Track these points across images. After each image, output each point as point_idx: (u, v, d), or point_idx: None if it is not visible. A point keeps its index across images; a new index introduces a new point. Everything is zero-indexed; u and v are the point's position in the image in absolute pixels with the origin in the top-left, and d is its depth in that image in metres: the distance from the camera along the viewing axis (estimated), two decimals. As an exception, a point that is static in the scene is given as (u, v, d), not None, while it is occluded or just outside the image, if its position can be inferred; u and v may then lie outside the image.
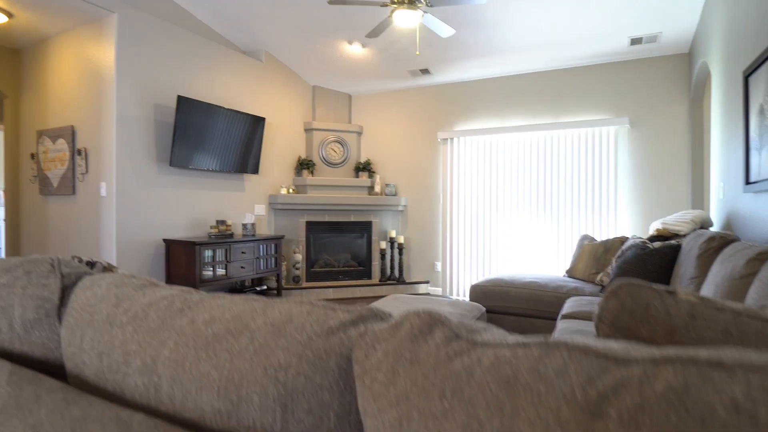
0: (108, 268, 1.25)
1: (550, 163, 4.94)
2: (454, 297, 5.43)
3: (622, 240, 3.33)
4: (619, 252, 3.10)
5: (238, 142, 4.64)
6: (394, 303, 2.61)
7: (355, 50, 4.94)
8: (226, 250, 4.15)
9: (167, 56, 4.14)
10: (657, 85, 4.51)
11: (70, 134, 4.04)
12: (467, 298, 5.33)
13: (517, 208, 5.10)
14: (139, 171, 3.92)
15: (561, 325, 2.20)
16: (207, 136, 4.29)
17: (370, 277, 5.70)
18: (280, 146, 5.50)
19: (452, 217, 5.44)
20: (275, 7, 4.24)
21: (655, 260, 2.53)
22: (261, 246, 4.55)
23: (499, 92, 5.27)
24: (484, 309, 2.68)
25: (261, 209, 5.20)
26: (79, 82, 4.02)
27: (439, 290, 5.57)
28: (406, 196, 5.82)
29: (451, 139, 5.47)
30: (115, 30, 3.75)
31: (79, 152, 4.00)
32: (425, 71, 5.31)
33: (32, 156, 4.45)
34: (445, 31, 3.81)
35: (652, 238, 3.18)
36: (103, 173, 3.83)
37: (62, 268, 0.83)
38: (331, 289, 5.28)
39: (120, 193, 3.77)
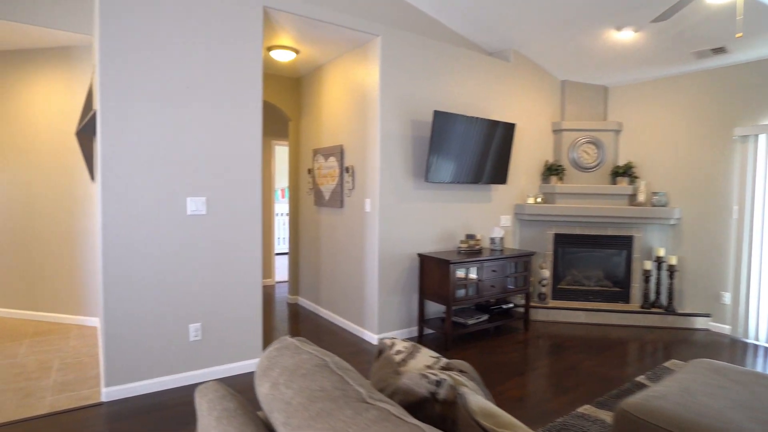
0: (454, 386, 1.10)
1: None
2: (751, 340, 4.22)
3: None
4: None
5: (488, 151, 4.43)
6: (717, 383, 1.97)
7: (622, 36, 4.18)
8: (478, 268, 4.02)
9: (421, 69, 4.17)
10: None
11: (340, 153, 4.46)
12: (773, 344, 4.08)
13: None
14: (398, 187, 4.07)
15: None
16: (458, 148, 4.20)
17: (627, 301, 4.90)
18: (527, 151, 5.11)
19: (753, 237, 4.20)
20: (528, 4, 3.84)
21: None
22: (510, 263, 4.29)
23: None
24: None
25: (506, 220, 4.94)
26: (347, 104, 4.37)
27: (726, 328, 4.42)
28: (680, 207, 4.76)
29: (756, 135, 4.19)
30: (378, 52, 3.92)
31: (347, 170, 4.38)
32: (719, 50, 4.17)
33: (309, 171, 5.12)
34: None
35: None
36: (368, 190, 4.10)
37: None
38: (582, 312, 4.70)
39: (382, 209, 3.98)
